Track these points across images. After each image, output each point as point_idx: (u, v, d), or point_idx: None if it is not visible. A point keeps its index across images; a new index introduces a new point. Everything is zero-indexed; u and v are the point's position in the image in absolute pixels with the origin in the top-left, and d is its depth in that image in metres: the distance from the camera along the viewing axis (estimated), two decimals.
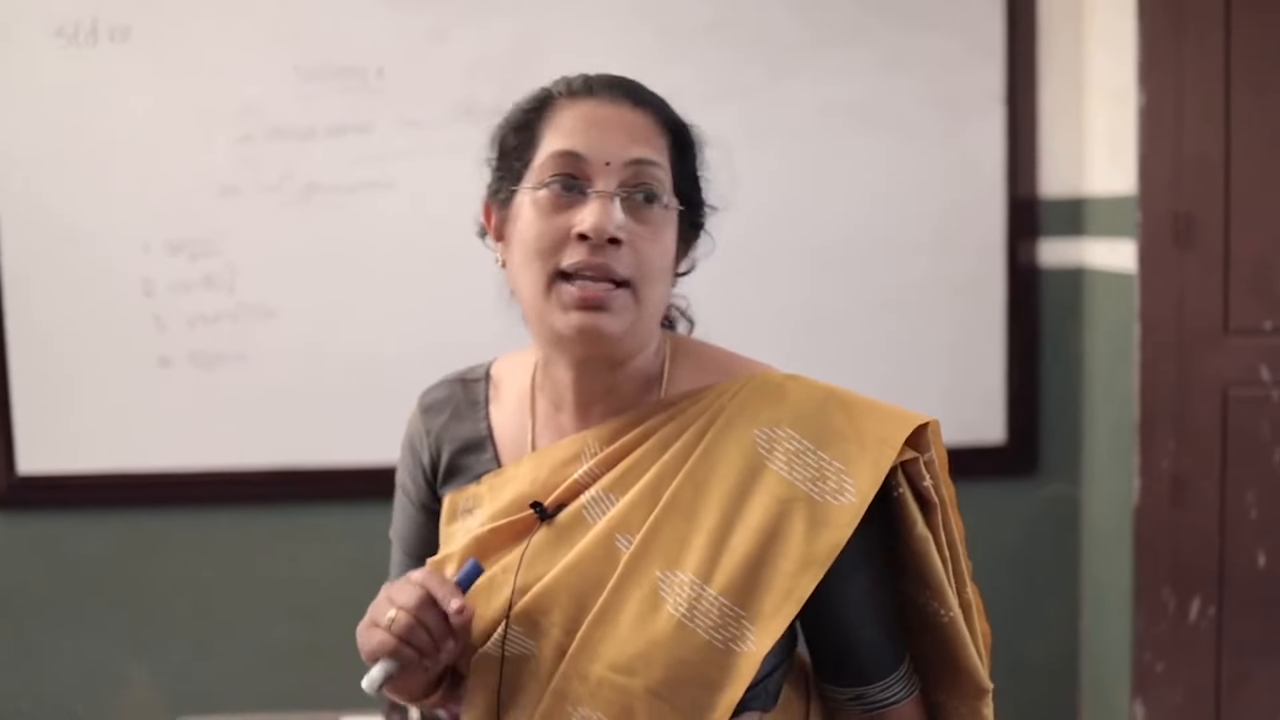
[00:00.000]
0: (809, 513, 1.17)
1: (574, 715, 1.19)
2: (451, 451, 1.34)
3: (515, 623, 1.22)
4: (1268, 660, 2.89)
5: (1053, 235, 3.16)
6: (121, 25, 3.03)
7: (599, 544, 1.21)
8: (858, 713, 1.30)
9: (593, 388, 1.26)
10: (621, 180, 1.19)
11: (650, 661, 1.16)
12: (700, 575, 1.16)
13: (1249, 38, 2.79)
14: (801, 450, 1.19)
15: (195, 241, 3.06)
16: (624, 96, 1.25)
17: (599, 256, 1.17)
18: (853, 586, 1.23)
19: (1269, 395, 2.85)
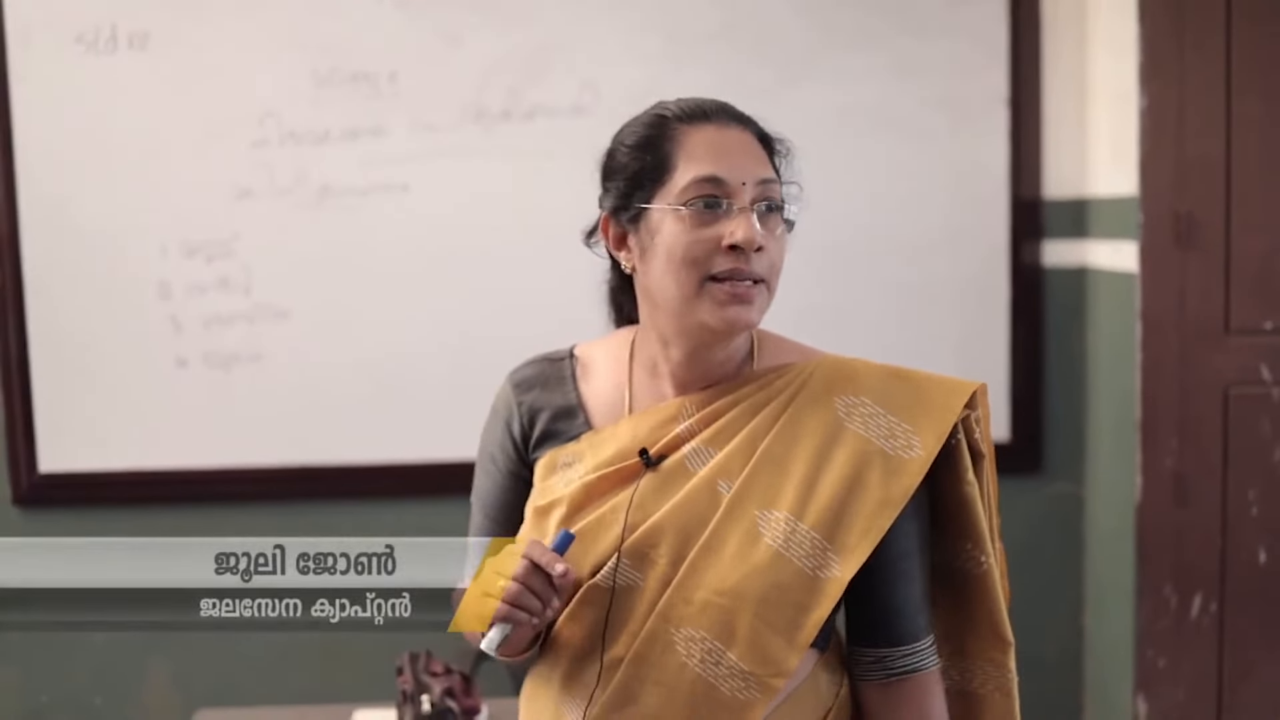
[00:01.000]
0: (884, 463, 1.38)
1: (677, 635, 1.37)
2: (547, 418, 1.50)
3: (625, 556, 1.40)
4: (1269, 656, 2.92)
5: (1056, 236, 3.19)
6: (140, 32, 3.09)
7: (703, 488, 1.40)
8: (880, 677, 1.44)
9: (702, 364, 1.44)
10: (754, 196, 1.39)
11: (751, 585, 1.35)
12: (794, 513, 1.37)
13: (1250, 41, 2.82)
14: (875, 414, 1.40)
15: (211, 244, 3.12)
16: (734, 121, 1.44)
17: (745, 262, 1.37)
18: (901, 544, 1.41)
19: (1270, 394, 2.88)
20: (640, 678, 1.38)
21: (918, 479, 1.37)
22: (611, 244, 1.49)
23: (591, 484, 1.44)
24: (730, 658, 1.36)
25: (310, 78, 3.10)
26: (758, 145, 1.43)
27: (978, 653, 1.48)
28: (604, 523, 1.42)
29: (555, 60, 3.12)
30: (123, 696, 3.26)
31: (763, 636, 1.35)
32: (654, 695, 1.38)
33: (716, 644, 1.36)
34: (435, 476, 3.20)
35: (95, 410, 3.17)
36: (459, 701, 2.12)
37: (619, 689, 1.39)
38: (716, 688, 1.36)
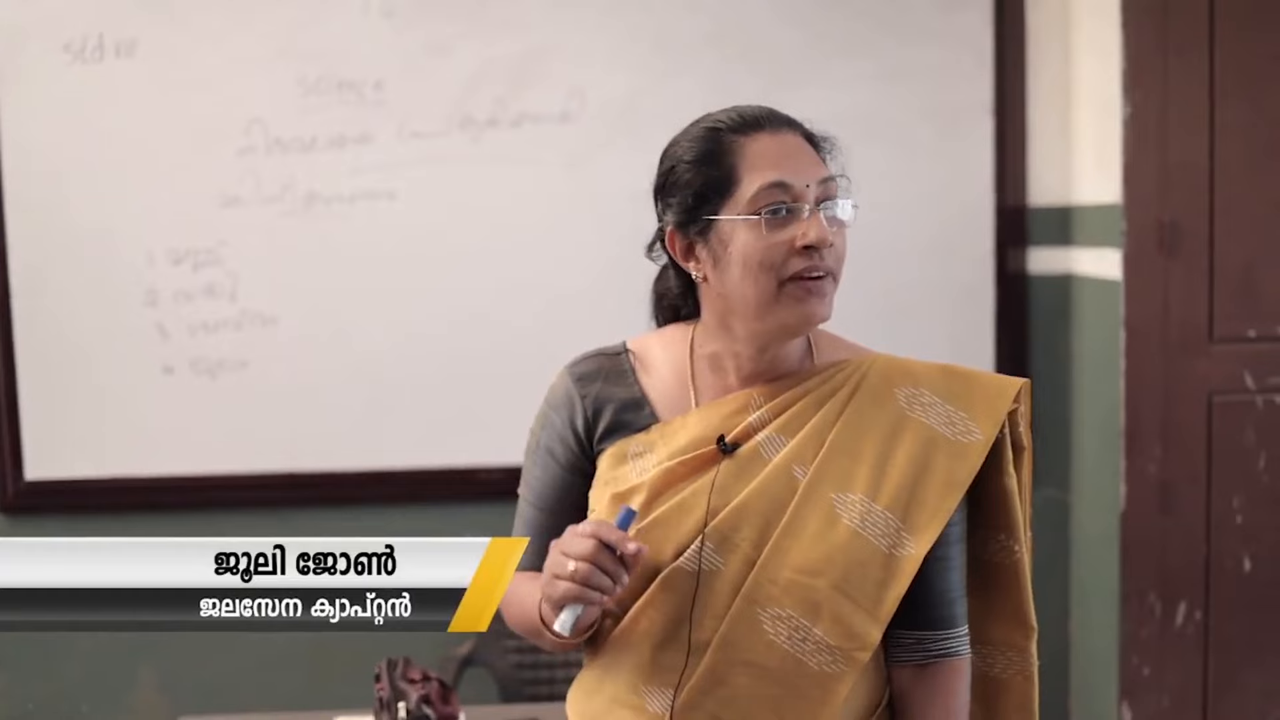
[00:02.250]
0: (948, 448, 1.46)
1: (764, 615, 1.43)
2: (613, 410, 1.54)
3: (709, 539, 1.45)
4: (1253, 664, 2.92)
5: (1041, 243, 3.20)
6: (127, 41, 3.10)
7: (779, 473, 1.46)
8: (917, 659, 1.50)
9: (769, 359, 1.51)
10: (817, 196, 1.45)
11: (833, 564, 1.42)
12: (868, 494, 1.44)
13: (1233, 48, 2.83)
14: (934, 404, 1.49)
15: (198, 251, 3.13)
16: (785, 126, 1.49)
17: (817, 260, 1.44)
18: (951, 530, 1.48)
19: (1254, 402, 2.89)
20: (729, 659, 1.44)
21: (979, 462, 1.46)
22: (679, 256, 1.52)
23: (671, 470, 1.48)
24: (817, 633, 1.42)
25: (297, 86, 3.11)
26: (810, 147, 1.50)
27: (1001, 639, 1.55)
28: (684, 507, 1.47)
29: (542, 68, 3.13)
30: (110, 703, 3.27)
31: (846, 612, 1.42)
32: (744, 675, 1.44)
33: (803, 621, 1.43)
34: (422, 483, 3.22)
35: (82, 417, 3.18)
36: (435, 708, 2.12)
37: (708, 672, 1.44)
38: (805, 663, 1.43)
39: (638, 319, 3.13)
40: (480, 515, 3.21)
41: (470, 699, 2.96)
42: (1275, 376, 2.88)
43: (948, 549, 1.49)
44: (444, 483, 3.23)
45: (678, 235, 1.51)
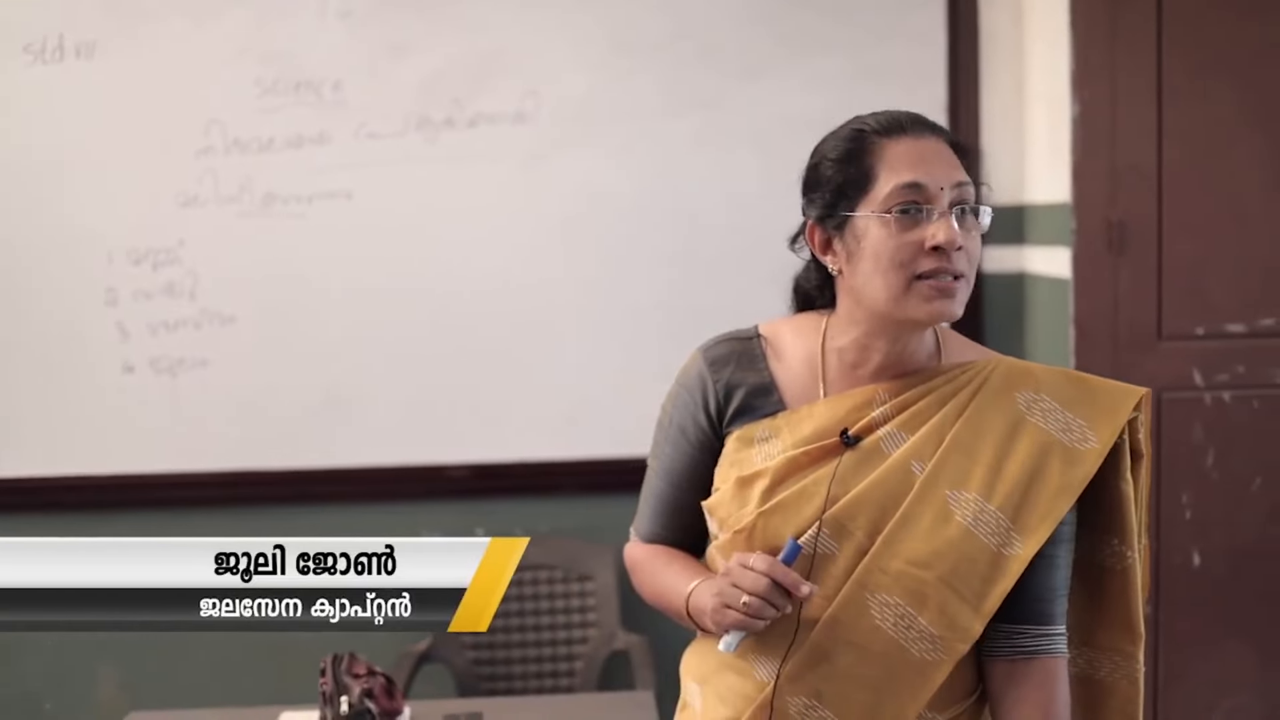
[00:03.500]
0: (1063, 453, 1.49)
1: (872, 601, 1.49)
2: (743, 394, 1.60)
3: (825, 526, 1.51)
4: (1202, 657, 2.95)
5: (996, 242, 3.22)
6: (87, 42, 3.12)
7: (898, 468, 1.51)
8: (1008, 653, 1.52)
9: (898, 355, 1.55)
10: (951, 200, 1.49)
11: (943, 558, 1.47)
12: (983, 494, 1.49)
13: (1180, 50, 2.86)
14: (1053, 410, 1.52)
15: (157, 251, 3.16)
16: (929, 131, 1.53)
17: (947, 261, 1.47)
18: (1062, 528, 1.51)
19: (1202, 399, 2.92)
20: (835, 638, 1.50)
21: (1094, 468, 1.49)
22: (818, 248, 1.58)
23: (795, 458, 1.54)
24: (921, 623, 1.48)
25: (255, 86, 3.13)
26: (951, 152, 1.53)
27: (1107, 644, 1.57)
28: (805, 494, 1.53)
29: (498, 69, 3.15)
30: (72, 701, 3.29)
31: (951, 605, 1.47)
32: (848, 654, 1.50)
33: (909, 610, 1.48)
34: (385, 481, 3.25)
35: (42, 416, 3.20)
36: (379, 702, 2.14)
37: (813, 648, 1.50)
38: (907, 649, 1.48)
39: (595, 313, 3.19)
40: (444, 513, 3.25)
41: (428, 694, 3.00)
42: (1223, 374, 2.91)
43: (1055, 548, 1.51)
44: (408, 480, 3.26)
45: (817, 229, 1.57)
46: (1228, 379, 2.91)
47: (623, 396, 3.10)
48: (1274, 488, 2.92)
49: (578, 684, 3.12)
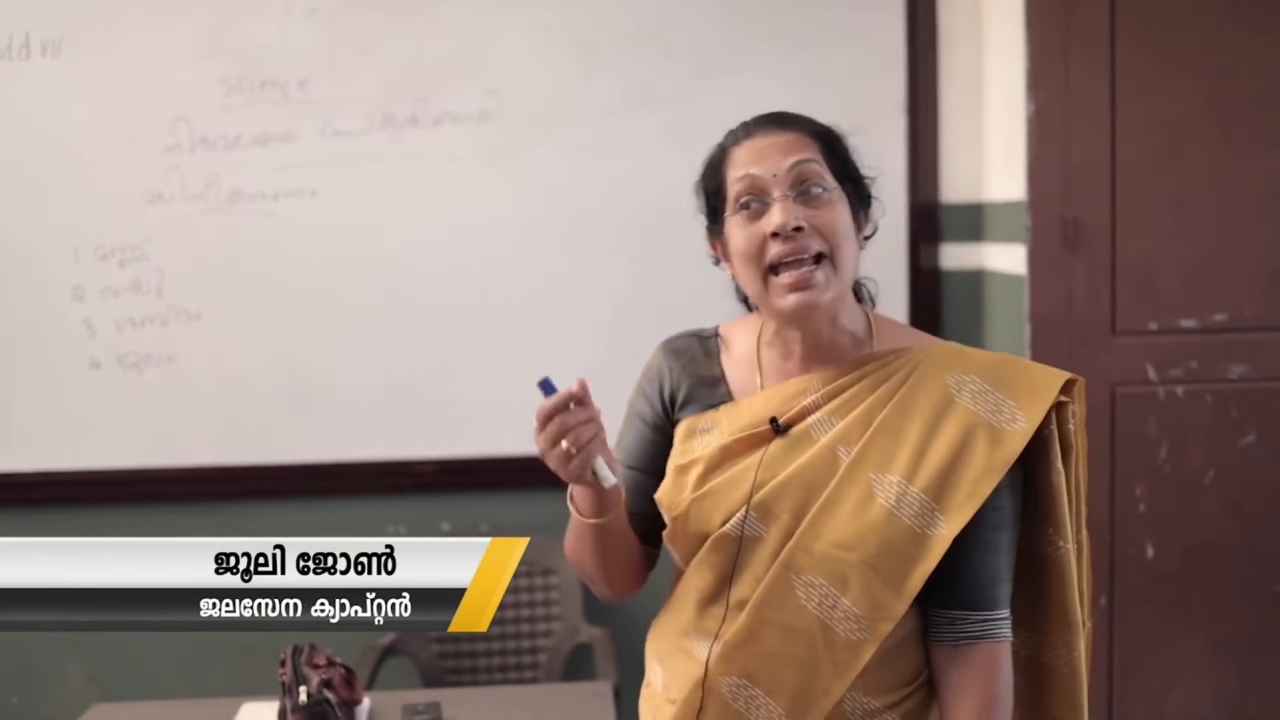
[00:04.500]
0: (990, 434, 1.51)
1: (797, 582, 1.52)
2: (690, 385, 1.67)
3: (753, 509, 1.55)
4: (1156, 648, 3.00)
5: (953, 240, 3.27)
6: (53, 40, 3.14)
7: (824, 452, 1.54)
8: (952, 639, 1.54)
9: (817, 342, 1.59)
10: (789, 183, 1.52)
11: (865, 539, 1.50)
12: (906, 476, 1.51)
13: (1133, 50, 2.90)
14: (983, 391, 1.53)
15: (124, 248, 3.18)
16: (772, 125, 1.57)
17: (791, 244, 1.50)
18: (994, 515, 1.52)
19: (1155, 393, 2.96)
20: (763, 619, 1.53)
21: (1019, 448, 1.50)
22: (720, 258, 1.65)
23: (728, 446, 1.59)
24: (845, 603, 1.50)
25: (221, 84, 3.15)
26: (798, 139, 1.55)
27: (1051, 631, 1.59)
28: (735, 480, 1.57)
29: (462, 68, 3.18)
30: (38, 695, 3.31)
31: (874, 586, 1.49)
32: (775, 635, 1.53)
33: (833, 590, 1.51)
34: (347, 477, 3.27)
35: (9, 412, 3.22)
36: (338, 693, 2.16)
37: (743, 629, 1.54)
38: (832, 629, 1.51)
39: (559, 310, 3.22)
40: (411, 508, 3.27)
41: (393, 686, 3.02)
42: (1176, 368, 2.95)
43: (993, 533, 1.52)
44: (375, 475, 3.28)
45: (711, 240, 1.65)
46: (1181, 374, 2.95)
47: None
48: (1226, 481, 2.97)
49: (542, 676, 3.15)
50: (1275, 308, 2.95)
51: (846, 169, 1.58)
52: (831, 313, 1.56)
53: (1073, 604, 1.57)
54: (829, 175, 1.54)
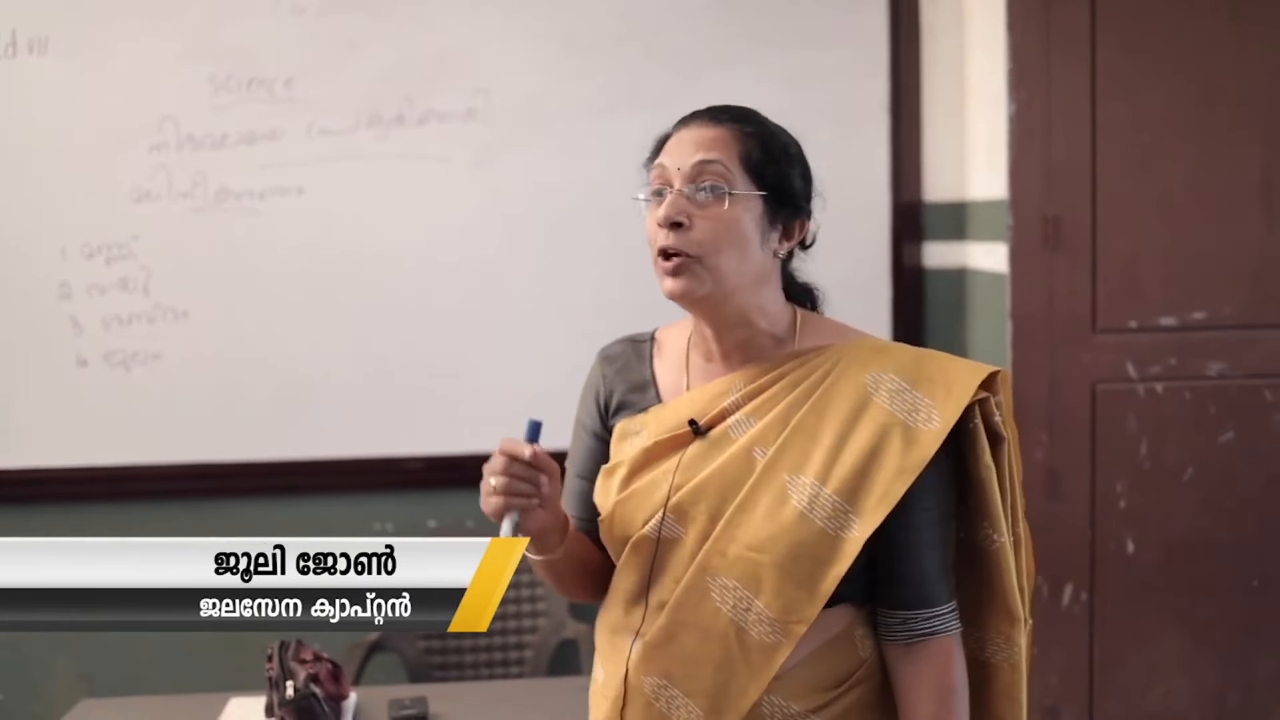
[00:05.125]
0: (904, 434, 1.50)
1: (713, 583, 1.53)
2: (623, 390, 1.68)
3: (670, 512, 1.56)
4: (1137, 642, 3.03)
5: (936, 238, 3.30)
6: (40, 38, 3.15)
7: (741, 454, 1.54)
8: (904, 638, 1.55)
9: (730, 341, 1.59)
10: (688, 178, 1.54)
11: (777, 542, 1.49)
12: (819, 478, 1.50)
13: (1114, 49, 2.93)
14: (900, 389, 1.52)
15: (111, 245, 3.19)
16: (708, 118, 1.59)
17: (671, 237, 1.52)
18: (926, 514, 1.53)
19: (1135, 390, 2.99)
20: (680, 620, 1.54)
21: (932, 449, 1.49)
22: None
23: (650, 449, 1.60)
24: (758, 605, 1.51)
25: (208, 83, 3.17)
26: (722, 136, 1.56)
27: (990, 625, 1.58)
28: (656, 483, 1.58)
29: (449, 67, 3.20)
30: (27, 691, 3.32)
31: (787, 588, 1.50)
32: (691, 636, 1.54)
33: (746, 593, 1.51)
34: (335, 474, 3.28)
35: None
36: (324, 688, 2.18)
37: (661, 630, 1.55)
38: (746, 631, 1.52)
39: (546, 308, 3.24)
40: (399, 504, 3.29)
41: (379, 681, 3.04)
42: (1156, 366, 2.98)
43: (928, 531, 1.53)
44: (362, 472, 3.29)
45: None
46: (1160, 371, 2.98)
47: (573, 390, 3.07)
48: (1205, 477, 3.00)
49: (528, 672, 3.17)
50: (1254, 306, 2.98)
51: (770, 174, 1.57)
52: (726, 309, 1.56)
53: (1012, 597, 1.56)
54: (741, 177, 1.54)
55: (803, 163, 1.66)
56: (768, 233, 1.57)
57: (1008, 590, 1.55)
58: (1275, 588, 3.02)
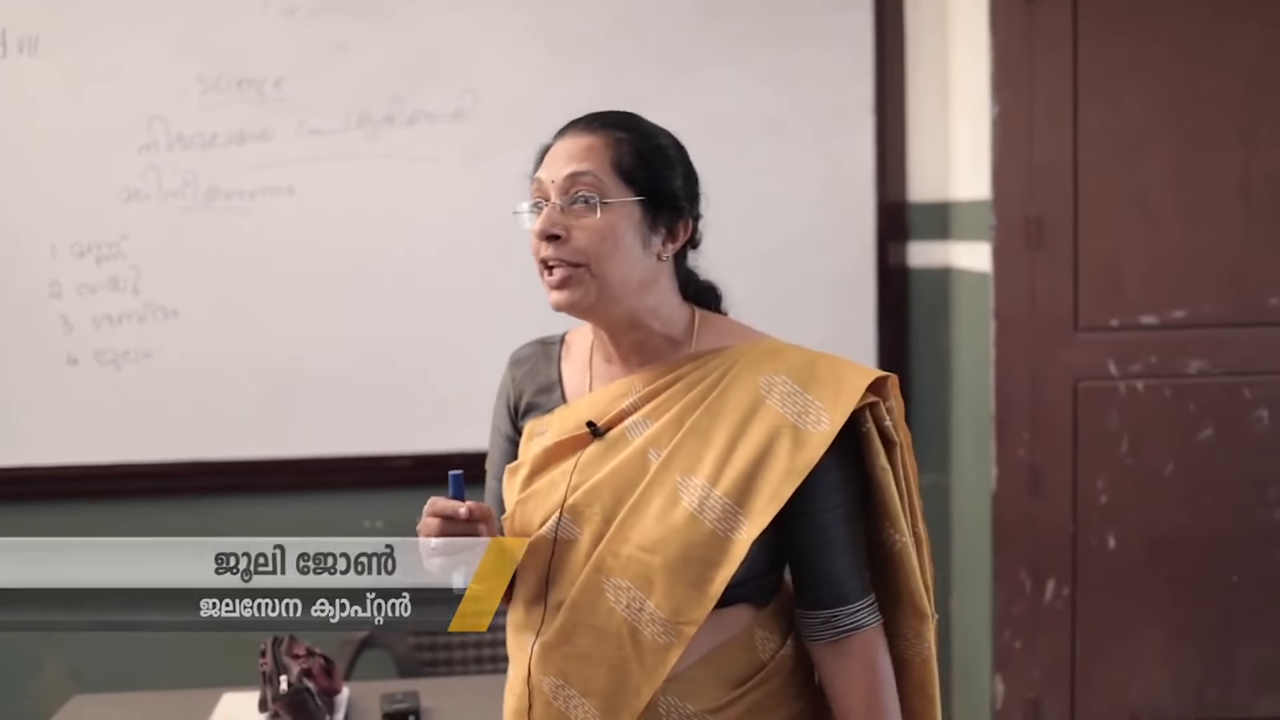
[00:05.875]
0: (793, 437, 1.51)
1: (607, 584, 1.54)
2: (531, 392, 1.69)
3: (567, 513, 1.57)
4: (1118, 637, 3.07)
5: (921, 238, 3.34)
6: (30, 37, 3.16)
7: (636, 455, 1.56)
8: (829, 636, 1.56)
9: (626, 344, 1.61)
10: (562, 190, 1.54)
11: (668, 543, 1.50)
12: (710, 480, 1.51)
13: (1095, 52, 2.98)
14: (792, 392, 1.53)
15: (101, 245, 3.20)
16: (582, 127, 1.58)
17: (550, 249, 1.53)
18: (829, 514, 1.54)
19: (1117, 388, 3.03)
20: (575, 620, 1.55)
21: (820, 451, 1.50)
22: None
23: (550, 450, 1.61)
24: (650, 605, 1.52)
25: (198, 83, 3.18)
26: (595, 145, 1.55)
27: (901, 621, 1.59)
28: (554, 484, 1.59)
29: (438, 68, 3.22)
30: (17, 689, 3.33)
31: (677, 589, 1.51)
32: (587, 636, 1.55)
33: (639, 593, 1.53)
34: (324, 472, 3.30)
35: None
36: (317, 683, 2.20)
37: (558, 630, 1.56)
38: (639, 631, 1.53)
39: (529, 310, 3.24)
40: (387, 502, 3.31)
41: (370, 676, 3.05)
42: (1137, 364, 3.03)
43: (831, 531, 1.54)
44: (351, 470, 3.31)
45: None
46: (1141, 369, 3.03)
47: None
48: (1185, 473, 3.05)
49: None
50: (1233, 305, 3.03)
51: (644, 179, 1.56)
52: (614, 314, 1.57)
53: (919, 594, 1.57)
54: (614, 184, 1.53)
55: (684, 164, 1.63)
56: (649, 237, 1.57)
57: (914, 588, 1.56)
58: (1254, 582, 3.07)
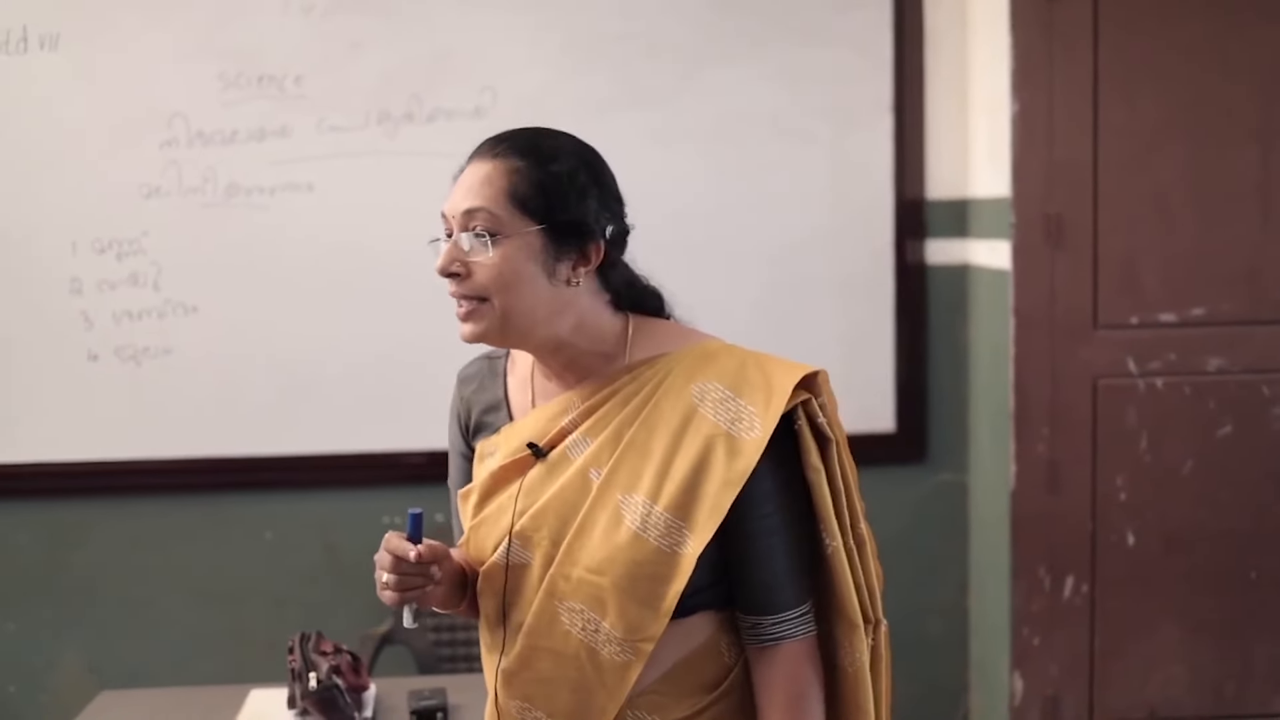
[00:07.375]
0: (728, 445, 1.48)
1: (561, 608, 1.53)
2: (479, 411, 1.66)
3: (515, 538, 1.55)
4: (1136, 634, 3.08)
5: (939, 235, 3.34)
6: (51, 34, 3.17)
7: (577, 476, 1.53)
8: (756, 642, 1.54)
9: (557, 363, 1.57)
10: (460, 226, 1.51)
11: (615, 563, 1.48)
12: (650, 497, 1.49)
13: (1115, 51, 2.98)
14: (725, 398, 1.50)
15: (121, 241, 3.21)
16: (485, 153, 1.54)
17: (453, 285, 1.51)
18: (764, 520, 1.51)
19: (1136, 385, 3.04)
20: (533, 645, 1.55)
21: (755, 458, 1.46)
22: None
23: (496, 474, 1.59)
24: (605, 626, 1.51)
25: (218, 80, 3.19)
26: (495, 175, 1.49)
27: (835, 629, 1.55)
28: (502, 509, 1.57)
29: (456, 65, 3.22)
30: (36, 685, 3.34)
31: (630, 608, 1.49)
32: (546, 659, 1.55)
33: (593, 615, 1.52)
34: (347, 468, 3.31)
35: (7, 404, 3.25)
36: (345, 679, 2.21)
37: (518, 655, 1.56)
38: (598, 652, 1.52)
39: None
40: (405, 498, 3.29)
41: (390, 673, 3.07)
42: (1156, 361, 3.03)
43: (766, 539, 1.51)
44: (369, 467, 3.32)
45: None
46: (1160, 366, 3.03)
47: None
48: (1204, 470, 3.05)
49: None
50: (1251, 302, 3.03)
51: (541, 208, 1.49)
52: (538, 341, 1.53)
53: (849, 602, 1.52)
54: (511, 217, 1.47)
55: (596, 183, 1.56)
56: (554, 265, 1.50)
57: (844, 595, 1.52)
58: (1273, 579, 3.08)
